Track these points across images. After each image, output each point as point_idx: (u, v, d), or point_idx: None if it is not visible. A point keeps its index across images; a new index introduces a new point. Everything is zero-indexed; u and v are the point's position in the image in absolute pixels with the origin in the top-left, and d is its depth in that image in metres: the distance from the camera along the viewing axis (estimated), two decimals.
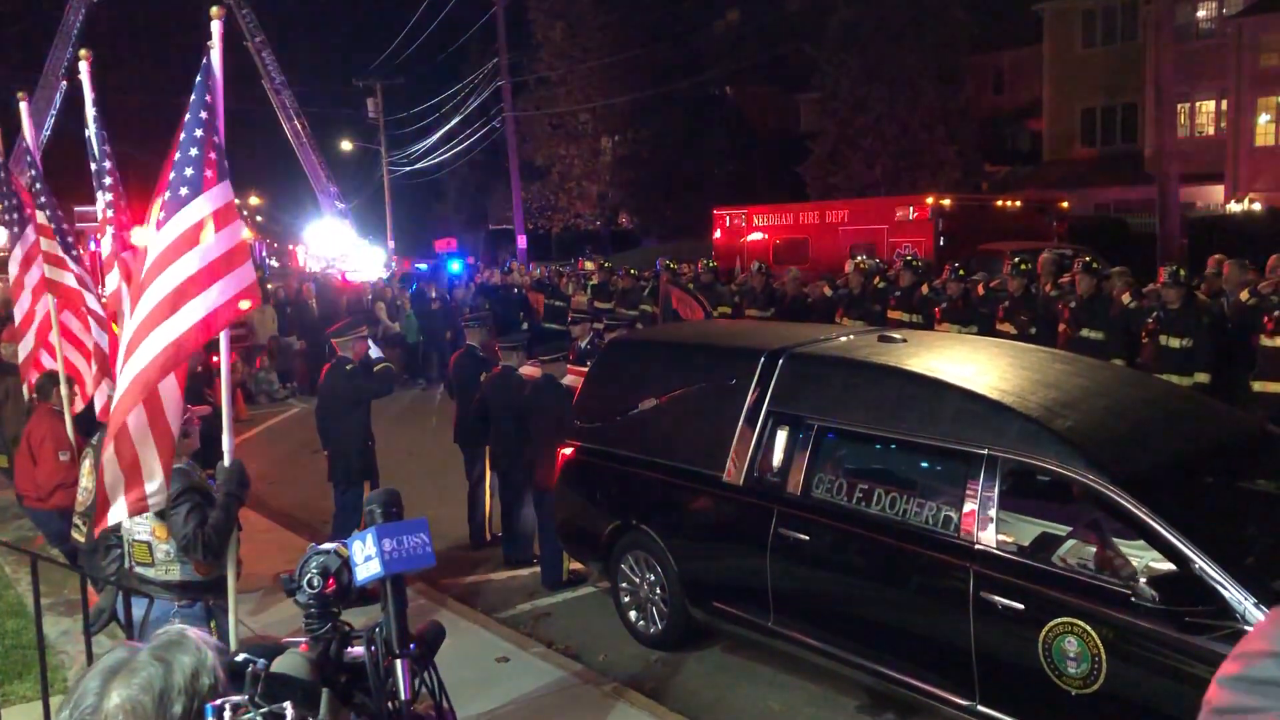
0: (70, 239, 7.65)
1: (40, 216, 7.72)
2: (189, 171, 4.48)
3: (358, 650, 2.83)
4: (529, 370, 9.02)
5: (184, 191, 4.49)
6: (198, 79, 4.53)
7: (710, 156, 41.11)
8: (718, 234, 24.72)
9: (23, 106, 8.21)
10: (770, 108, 45.31)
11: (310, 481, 11.10)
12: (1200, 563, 4.52)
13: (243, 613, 5.44)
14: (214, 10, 4.56)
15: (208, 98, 4.55)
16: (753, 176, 38.99)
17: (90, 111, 6.61)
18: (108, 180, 6.66)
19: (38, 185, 7.84)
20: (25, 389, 8.10)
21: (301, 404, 17.55)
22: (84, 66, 6.24)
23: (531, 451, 8.55)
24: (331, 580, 2.77)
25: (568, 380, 8.86)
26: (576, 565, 8.48)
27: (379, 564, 2.72)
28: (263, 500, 10.72)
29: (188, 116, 4.52)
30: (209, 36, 4.57)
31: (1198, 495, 5.39)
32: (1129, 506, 4.80)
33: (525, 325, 17.95)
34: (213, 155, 4.53)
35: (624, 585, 7.37)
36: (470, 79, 40.15)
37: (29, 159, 8.30)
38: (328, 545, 2.86)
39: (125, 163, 7.20)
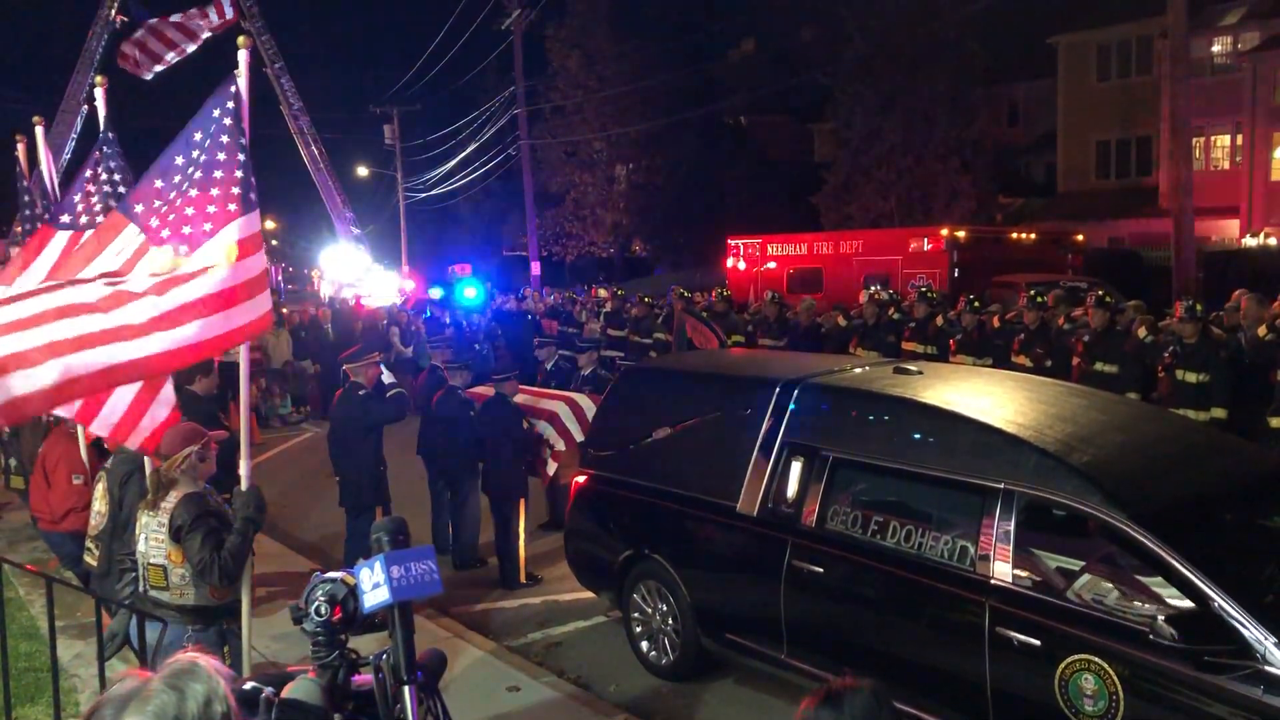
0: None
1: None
2: (215, 191, 4.49)
3: (363, 678, 2.84)
4: (479, 389, 10.12)
5: (211, 210, 4.50)
6: (223, 105, 4.54)
7: (724, 185, 41.24)
8: (732, 263, 24.74)
9: (38, 131, 8.28)
10: (784, 137, 45.48)
11: (323, 506, 11.11)
12: (1219, 601, 4.48)
13: (255, 637, 5.43)
14: (240, 40, 4.62)
15: (228, 121, 4.56)
16: (766, 205, 39.06)
17: (104, 135, 6.65)
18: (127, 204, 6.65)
19: (48, 214, 7.89)
20: None
21: (315, 428, 17.57)
22: (99, 93, 6.29)
23: (488, 464, 9.46)
24: (338, 608, 2.78)
25: (518, 399, 9.79)
26: (587, 591, 8.45)
27: (387, 591, 2.72)
28: (275, 525, 10.72)
29: (205, 139, 4.52)
30: (235, 65, 4.62)
31: (1216, 532, 5.35)
32: (1147, 543, 4.76)
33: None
34: (241, 185, 4.55)
35: (636, 615, 7.33)
36: (486, 106, 40.43)
37: (42, 185, 8.35)
38: (333, 574, 2.87)
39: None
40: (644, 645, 7.29)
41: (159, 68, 8.23)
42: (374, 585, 2.71)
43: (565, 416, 9.90)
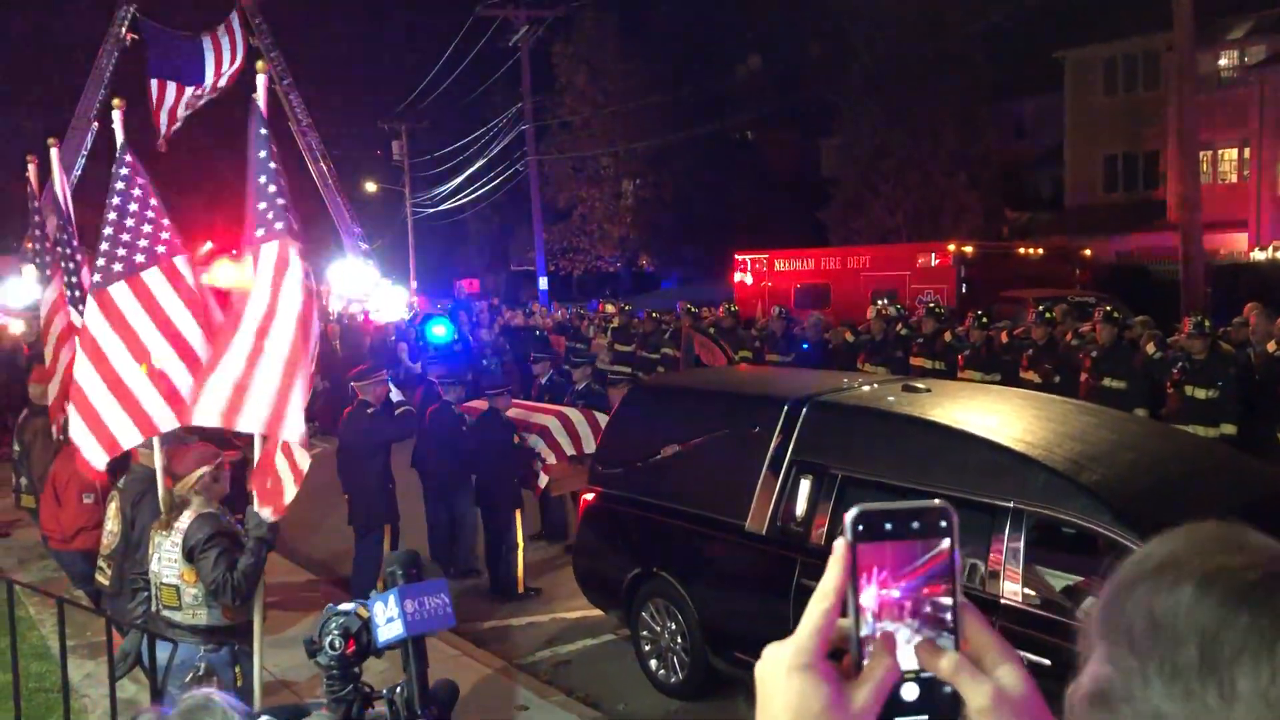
0: (78, 284, 7.70)
1: (64, 262, 7.83)
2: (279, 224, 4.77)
3: (378, 710, 2.84)
4: (474, 403, 10.44)
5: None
6: (260, 132, 4.71)
7: (731, 200, 41.33)
8: (739, 278, 24.77)
9: (53, 153, 8.35)
10: (791, 152, 45.55)
11: (331, 522, 11.11)
12: None
13: (267, 660, 5.44)
14: (259, 64, 4.67)
15: (268, 151, 4.77)
16: (773, 220, 39.12)
17: (120, 158, 6.68)
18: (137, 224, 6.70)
19: (64, 235, 7.94)
20: (54, 430, 8.16)
21: (324, 444, 17.56)
22: (117, 115, 6.32)
23: (480, 477, 9.70)
24: (351, 641, 2.79)
25: (511, 413, 9.97)
26: (595, 609, 8.44)
27: (401, 625, 2.74)
28: (284, 540, 10.70)
29: (259, 173, 4.76)
30: (253, 89, 4.68)
31: None
32: None
33: None
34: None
35: (644, 633, 7.33)
36: (494, 122, 40.58)
37: (56, 204, 8.41)
38: (346, 606, 2.88)
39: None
40: (653, 664, 7.29)
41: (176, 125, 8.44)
42: (388, 619, 2.73)
43: (556, 430, 9.99)
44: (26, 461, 8.76)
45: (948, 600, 0.86)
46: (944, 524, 0.87)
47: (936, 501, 0.87)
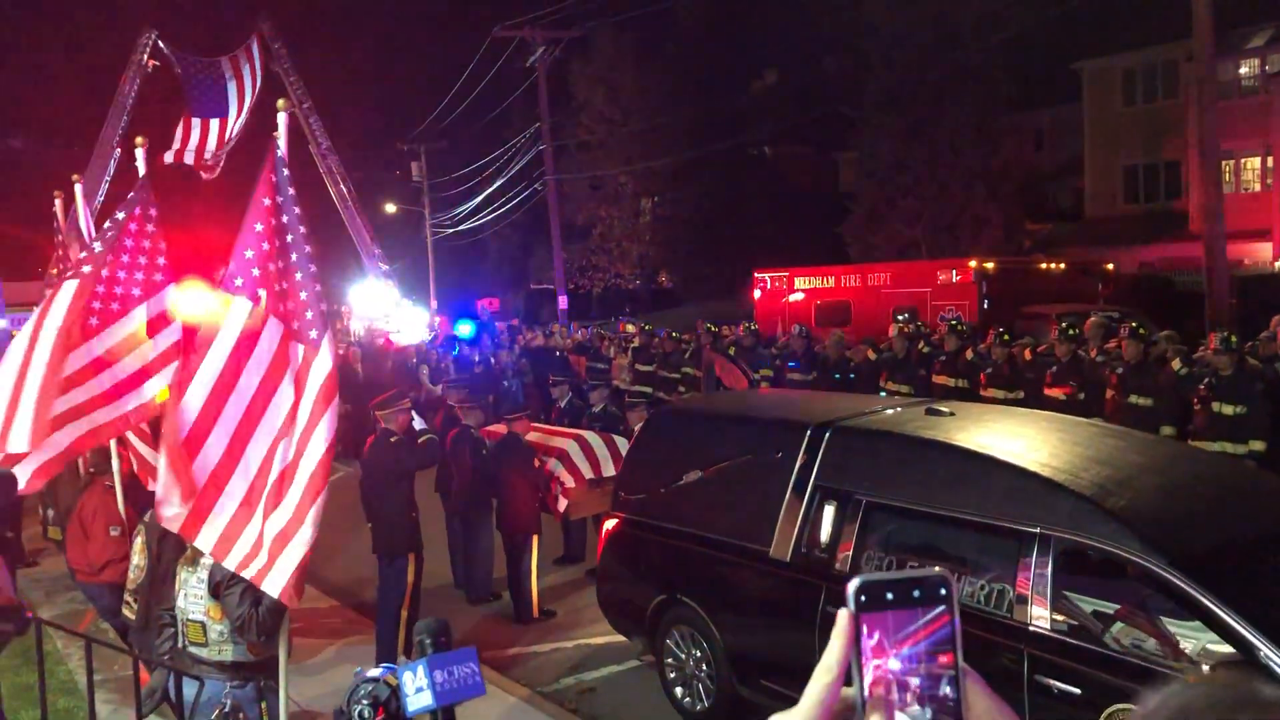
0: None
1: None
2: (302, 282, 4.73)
3: None
4: (494, 428, 10.59)
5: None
6: (279, 175, 4.70)
7: (750, 216, 41.30)
8: (759, 295, 24.71)
9: (77, 188, 8.46)
10: (809, 168, 45.51)
11: (353, 548, 11.11)
12: (1266, 650, 4.41)
13: (291, 689, 5.44)
14: (280, 103, 4.70)
15: (282, 198, 4.75)
16: (792, 236, 39.07)
17: (131, 196, 6.77)
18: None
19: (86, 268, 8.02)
20: (80, 463, 8.22)
21: (345, 468, 17.59)
22: (140, 153, 6.38)
23: (501, 501, 9.79)
24: (380, 710, 2.79)
25: (530, 437, 10.07)
26: (619, 635, 8.41)
27: (430, 696, 2.75)
28: (308, 568, 10.73)
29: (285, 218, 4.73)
30: (274, 128, 4.71)
31: (1260, 577, 5.27)
32: (1188, 589, 4.70)
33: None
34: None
35: (669, 660, 7.30)
36: (513, 142, 40.74)
37: (80, 235, 8.53)
38: (374, 672, 2.88)
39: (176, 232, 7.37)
40: (678, 691, 7.26)
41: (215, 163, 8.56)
42: (417, 689, 2.72)
43: (575, 454, 10.05)
44: (53, 495, 8.83)
45: (950, 668, 0.89)
46: (943, 591, 0.92)
47: (936, 570, 0.92)
